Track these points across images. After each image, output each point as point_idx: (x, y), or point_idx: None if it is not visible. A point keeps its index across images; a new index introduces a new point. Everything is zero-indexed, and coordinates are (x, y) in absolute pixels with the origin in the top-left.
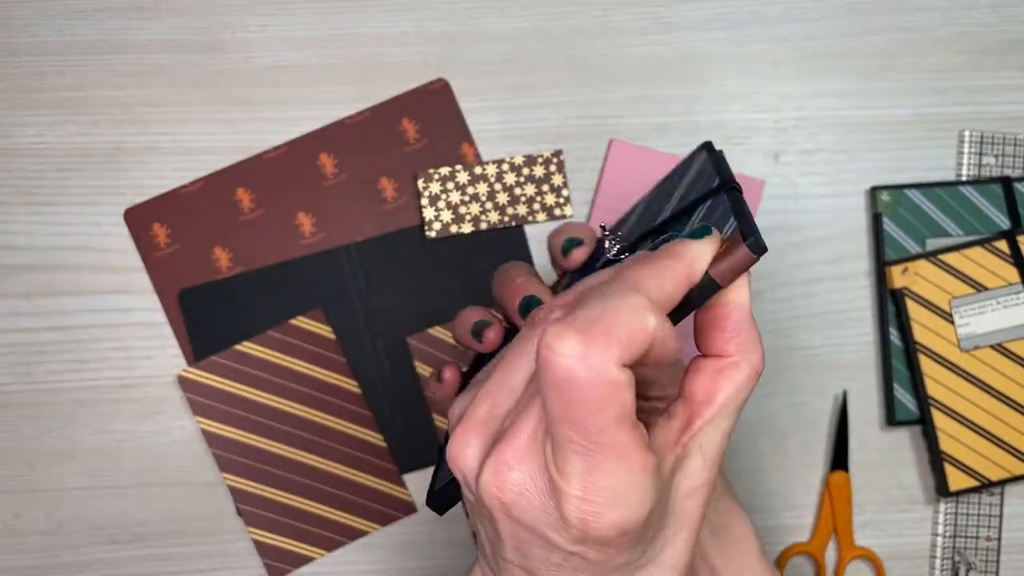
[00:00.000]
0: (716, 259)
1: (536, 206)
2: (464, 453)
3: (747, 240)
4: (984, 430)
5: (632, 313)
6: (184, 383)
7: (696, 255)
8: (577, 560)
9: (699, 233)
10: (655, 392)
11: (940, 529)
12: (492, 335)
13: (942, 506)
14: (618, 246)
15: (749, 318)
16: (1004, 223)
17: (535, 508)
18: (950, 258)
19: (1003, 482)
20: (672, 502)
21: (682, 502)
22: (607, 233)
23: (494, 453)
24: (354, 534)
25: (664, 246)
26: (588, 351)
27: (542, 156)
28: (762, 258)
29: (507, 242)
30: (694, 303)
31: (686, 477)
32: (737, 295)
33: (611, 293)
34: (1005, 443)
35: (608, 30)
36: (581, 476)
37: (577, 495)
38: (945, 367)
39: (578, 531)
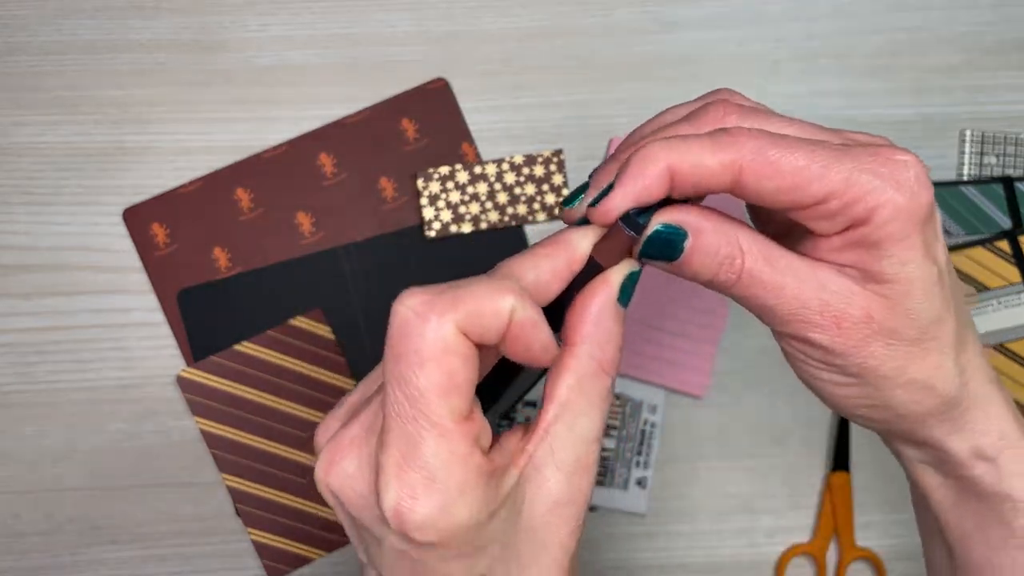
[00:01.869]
0: (601, 241)
1: (536, 206)
2: (319, 449)
3: (626, 220)
4: None
5: (489, 290)
6: (183, 383)
7: (578, 238)
8: (408, 564)
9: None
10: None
11: None
12: None
13: None
14: None
15: (609, 307)
16: (1005, 223)
17: (361, 498)
18: (951, 258)
19: None
20: (529, 519)
21: (542, 520)
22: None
23: (328, 443)
24: None
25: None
26: (430, 308)
27: (542, 156)
28: None
29: (507, 242)
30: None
31: (540, 490)
32: (608, 277)
33: (484, 277)
34: None
35: (608, 30)
36: (399, 448)
37: (392, 472)
38: None
39: (394, 522)
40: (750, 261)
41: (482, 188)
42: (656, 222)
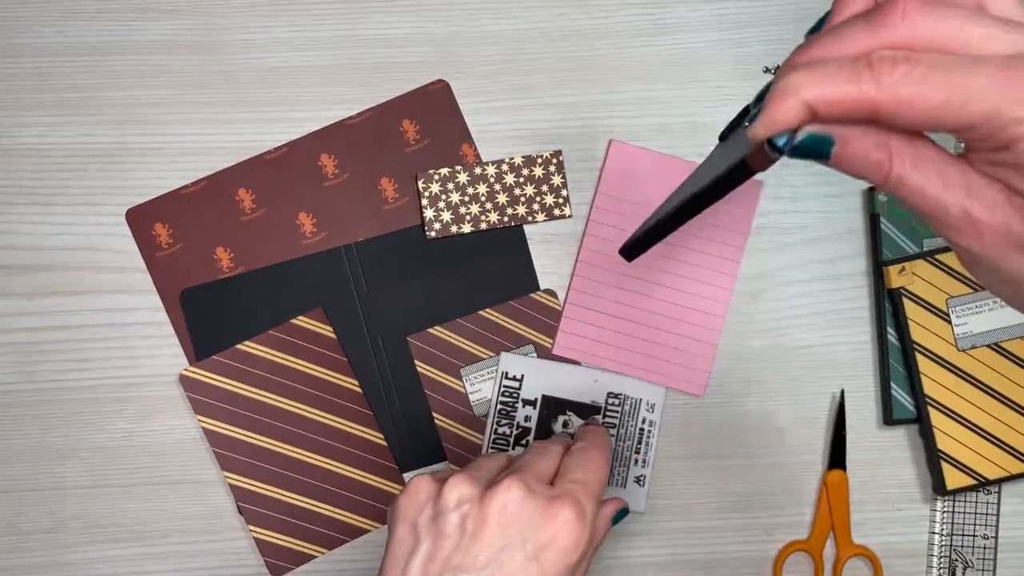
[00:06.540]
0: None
1: (536, 206)
2: None
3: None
4: (981, 429)
5: None
6: (185, 382)
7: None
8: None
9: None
10: None
11: (937, 528)
12: None
13: (939, 504)
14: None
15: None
16: None
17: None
18: (947, 258)
19: (1000, 481)
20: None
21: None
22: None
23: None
24: (355, 532)
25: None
26: None
27: (542, 156)
28: (761, 258)
29: (507, 242)
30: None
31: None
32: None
33: None
34: (1002, 442)
35: (608, 31)
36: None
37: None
38: (942, 366)
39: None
40: (898, 166)
41: (482, 189)
42: (804, 132)
